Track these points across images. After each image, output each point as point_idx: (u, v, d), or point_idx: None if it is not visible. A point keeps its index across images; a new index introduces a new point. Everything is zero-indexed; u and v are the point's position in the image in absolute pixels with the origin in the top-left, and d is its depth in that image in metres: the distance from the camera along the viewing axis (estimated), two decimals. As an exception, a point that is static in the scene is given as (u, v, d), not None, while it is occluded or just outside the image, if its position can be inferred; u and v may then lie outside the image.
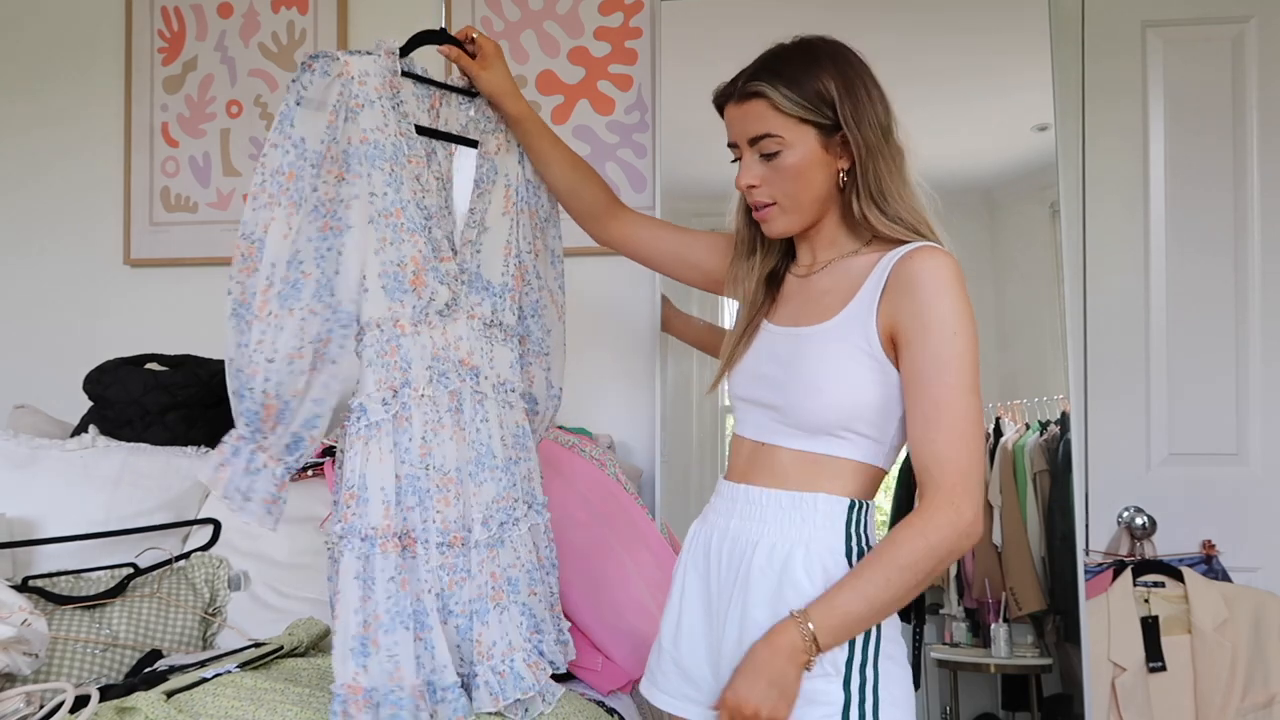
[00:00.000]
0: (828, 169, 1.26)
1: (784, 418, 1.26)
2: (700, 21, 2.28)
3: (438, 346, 1.38)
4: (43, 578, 1.67)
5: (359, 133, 1.33)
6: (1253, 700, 2.02)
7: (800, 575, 1.20)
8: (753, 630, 1.21)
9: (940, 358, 1.16)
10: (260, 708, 1.25)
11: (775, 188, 1.27)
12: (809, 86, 1.24)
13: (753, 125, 1.26)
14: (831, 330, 1.24)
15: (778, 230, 1.30)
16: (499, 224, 1.51)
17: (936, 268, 1.19)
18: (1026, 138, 2.20)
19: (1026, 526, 2.16)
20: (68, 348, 2.52)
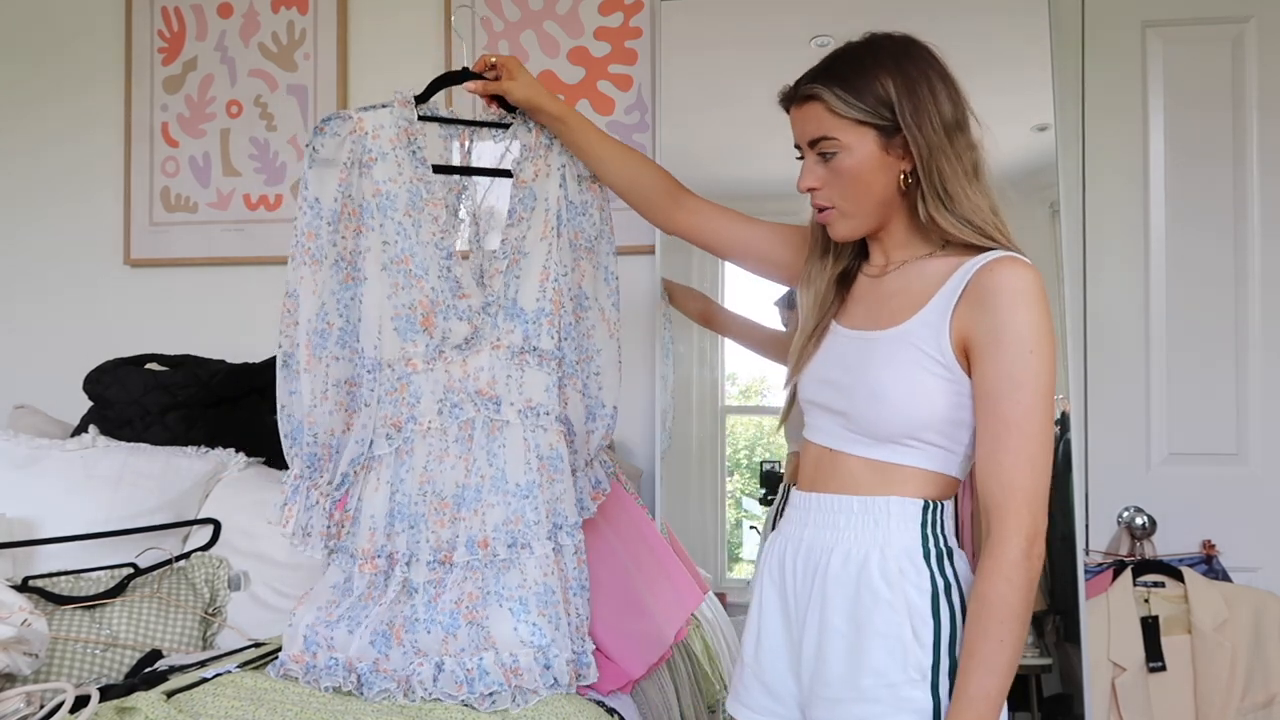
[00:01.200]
0: (889, 171, 1.22)
1: (851, 424, 1.23)
2: (700, 21, 2.28)
3: (453, 379, 1.45)
4: (43, 578, 1.67)
5: (373, 186, 1.42)
6: (1253, 700, 2.02)
7: (877, 580, 1.18)
8: (832, 638, 1.19)
9: (1014, 375, 1.13)
10: (260, 708, 1.25)
11: (834, 190, 1.24)
12: (866, 88, 1.21)
13: (810, 127, 1.24)
14: (901, 336, 1.20)
15: (840, 234, 1.27)
16: (537, 249, 1.51)
17: (1017, 280, 1.15)
18: (1026, 138, 2.20)
19: (1026, 526, 2.15)
20: (68, 348, 2.52)
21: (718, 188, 2.20)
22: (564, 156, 1.55)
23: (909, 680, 1.15)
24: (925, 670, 1.15)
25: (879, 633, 1.16)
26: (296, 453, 1.45)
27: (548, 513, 1.45)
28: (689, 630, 1.84)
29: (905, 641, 1.16)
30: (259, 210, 2.49)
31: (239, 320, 2.48)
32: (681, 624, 1.67)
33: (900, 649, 1.16)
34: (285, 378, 1.47)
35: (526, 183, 1.53)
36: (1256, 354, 2.29)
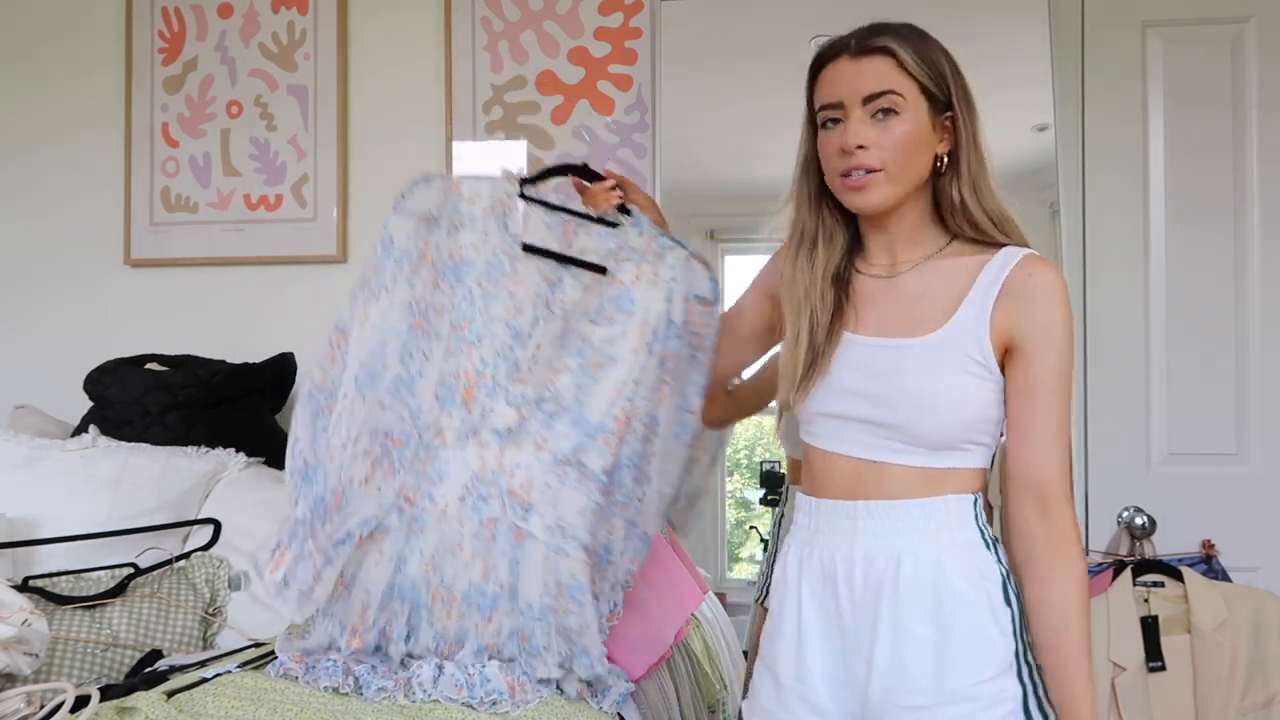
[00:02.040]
0: (931, 147, 1.21)
1: (899, 435, 1.20)
2: (700, 21, 2.28)
3: (486, 468, 1.32)
4: (43, 578, 1.67)
5: (457, 248, 1.36)
6: (1252, 700, 2.02)
7: (957, 580, 1.18)
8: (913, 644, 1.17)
9: (1059, 374, 1.18)
10: (260, 707, 1.25)
11: (886, 152, 1.18)
12: (929, 56, 1.21)
13: (873, 81, 1.19)
14: (942, 342, 1.19)
15: (874, 200, 1.21)
16: (624, 359, 1.36)
17: (1055, 280, 1.18)
18: (1026, 138, 2.20)
19: (1026, 526, 2.15)
20: (68, 348, 2.52)
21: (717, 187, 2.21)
22: (677, 271, 1.40)
23: (1000, 673, 1.16)
24: (1010, 659, 1.17)
25: (967, 631, 1.16)
26: (305, 493, 1.31)
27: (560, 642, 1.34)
28: (689, 630, 1.84)
29: (991, 635, 1.17)
30: (259, 210, 2.49)
31: (239, 320, 2.48)
32: (681, 624, 1.66)
33: (988, 644, 1.16)
34: (311, 412, 1.32)
35: (625, 284, 1.38)
36: (1256, 354, 2.29)
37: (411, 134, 2.45)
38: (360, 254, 2.47)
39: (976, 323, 1.18)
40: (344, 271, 2.47)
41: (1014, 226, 1.23)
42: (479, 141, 2.41)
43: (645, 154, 2.35)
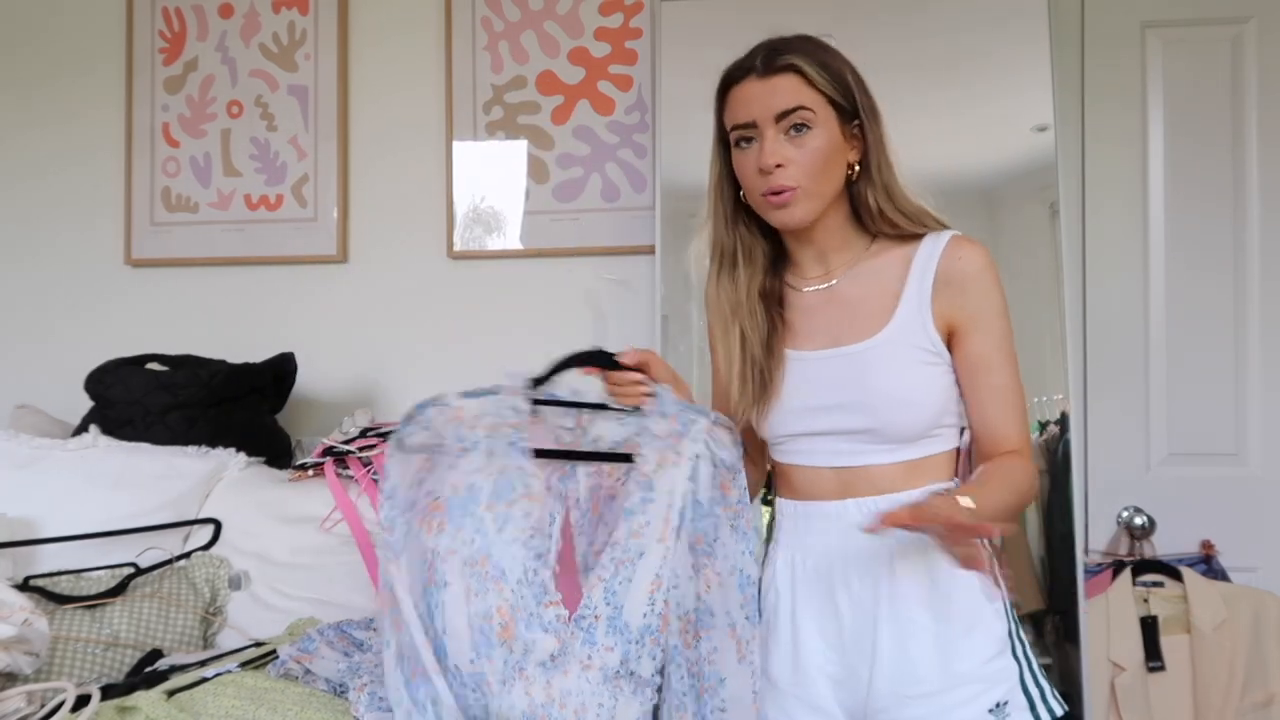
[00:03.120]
0: (843, 157, 1.25)
1: (876, 437, 1.23)
2: (700, 21, 2.28)
3: (535, 705, 1.19)
4: (44, 577, 1.67)
5: (462, 479, 1.22)
6: (1251, 700, 2.02)
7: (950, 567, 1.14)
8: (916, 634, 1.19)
9: (1001, 346, 1.23)
10: (261, 707, 1.25)
11: (801, 169, 1.21)
12: (835, 69, 1.24)
13: (784, 99, 1.21)
14: (893, 338, 1.22)
15: (796, 217, 1.23)
16: (651, 552, 1.24)
17: (982, 258, 1.24)
18: (1026, 138, 2.20)
19: (1026, 526, 2.16)
20: (69, 348, 2.52)
21: (718, 188, 2.20)
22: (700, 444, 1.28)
23: (999, 652, 1.20)
24: (1006, 638, 1.21)
25: (963, 614, 1.19)
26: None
27: None
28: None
29: (986, 616, 1.20)
30: (259, 210, 2.49)
31: (240, 320, 2.49)
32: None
33: (984, 625, 1.20)
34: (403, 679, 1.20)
35: (647, 475, 1.27)
36: (1256, 354, 2.29)
37: (412, 134, 2.46)
38: (361, 254, 2.47)
39: (919, 314, 1.22)
40: (344, 271, 2.47)
41: (930, 216, 1.28)
42: (479, 141, 2.42)
43: (645, 154, 2.35)
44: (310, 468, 2.02)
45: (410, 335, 2.44)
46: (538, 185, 2.39)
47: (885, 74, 2.25)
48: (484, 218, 2.41)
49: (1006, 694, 1.18)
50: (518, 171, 2.39)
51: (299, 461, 2.13)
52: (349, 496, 1.88)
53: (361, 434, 2.08)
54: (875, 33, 2.24)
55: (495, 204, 2.40)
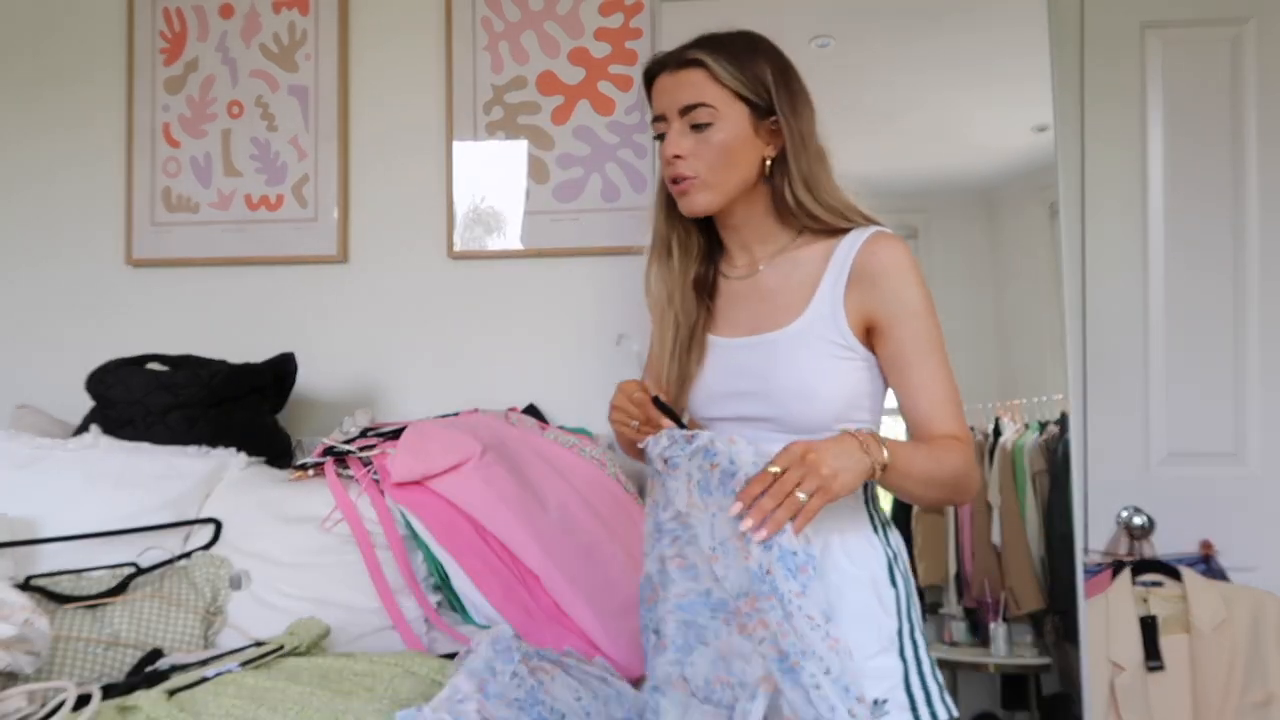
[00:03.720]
0: (755, 152, 1.27)
1: (780, 427, 1.25)
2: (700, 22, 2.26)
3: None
4: (45, 577, 1.67)
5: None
6: (1251, 699, 2.02)
7: (843, 560, 1.22)
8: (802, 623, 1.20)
9: (921, 338, 1.22)
10: (261, 707, 1.25)
11: (701, 160, 1.26)
12: (747, 66, 1.27)
13: (687, 94, 1.27)
14: (803, 330, 1.25)
15: (697, 206, 1.28)
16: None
17: (898, 254, 1.23)
18: (1026, 138, 2.21)
19: (1025, 526, 2.16)
20: (69, 347, 2.53)
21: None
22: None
23: (882, 649, 1.20)
24: (893, 636, 1.21)
25: (850, 610, 1.20)
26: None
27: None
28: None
29: (874, 612, 1.21)
30: (260, 210, 2.49)
31: (240, 320, 2.49)
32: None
33: (872, 621, 1.21)
34: None
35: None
36: (1255, 354, 2.29)
37: (412, 134, 2.46)
38: (361, 254, 2.47)
39: (832, 308, 1.24)
40: (344, 271, 2.47)
41: (856, 212, 1.29)
42: (479, 141, 2.42)
43: (645, 154, 2.35)
44: (310, 468, 2.02)
45: (410, 335, 2.44)
46: (538, 185, 2.39)
47: (885, 74, 2.27)
48: (484, 218, 2.41)
49: (886, 692, 1.19)
50: (518, 172, 2.40)
51: (299, 461, 2.13)
52: (349, 496, 1.89)
53: (362, 434, 2.09)
54: (875, 33, 2.24)
55: (495, 204, 2.41)
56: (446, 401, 2.28)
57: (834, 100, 2.32)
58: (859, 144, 2.32)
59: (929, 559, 2.23)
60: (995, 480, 2.19)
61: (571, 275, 2.38)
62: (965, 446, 1.21)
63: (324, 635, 1.60)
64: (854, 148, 2.35)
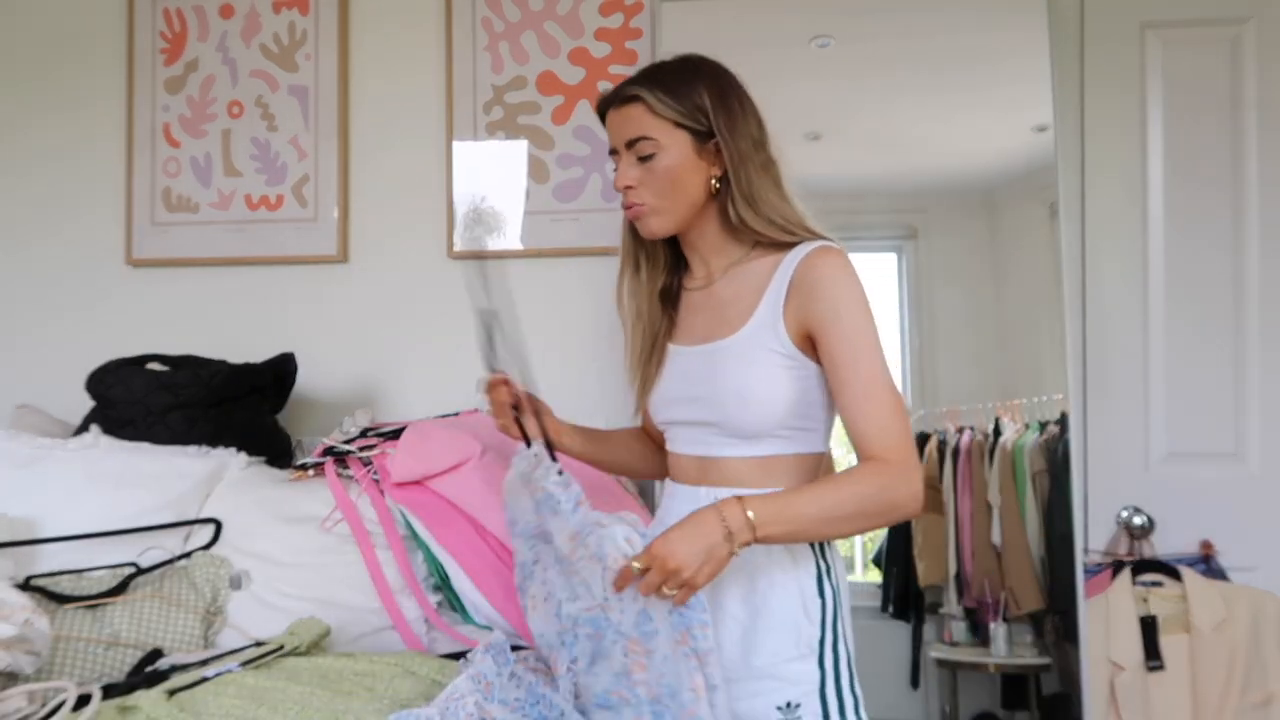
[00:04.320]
0: (700, 174, 1.33)
1: (723, 431, 1.32)
2: (700, 22, 2.28)
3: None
4: (45, 577, 1.67)
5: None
6: (1250, 699, 2.02)
7: (774, 569, 1.28)
8: (727, 623, 1.27)
9: (857, 346, 1.25)
10: (262, 706, 1.25)
11: (649, 189, 1.33)
12: (684, 94, 1.33)
13: (630, 128, 1.34)
14: (746, 339, 1.30)
15: (651, 229, 1.36)
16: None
17: (834, 265, 1.27)
18: (1026, 138, 2.21)
19: (1025, 526, 2.16)
20: (69, 347, 2.52)
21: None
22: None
23: (800, 655, 1.25)
24: (814, 645, 1.26)
25: (774, 615, 1.26)
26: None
27: None
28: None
29: (797, 619, 1.26)
30: (260, 210, 2.49)
31: (240, 320, 2.49)
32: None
33: (794, 628, 1.26)
34: None
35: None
36: (1255, 353, 2.29)
37: (412, 134, 2.46)
38: (361, 254, 2.47)
39: (772, 317, 1.28)
40: (344, 271, 2.47)
41: (802, 226, 1.33)
42: (479, 142, 2.42)
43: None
44: (311, 467, 2.02)
45: (410, 335, 2.44)
46: (538, 185, 2.39)
47: (885, 74, 2.27)
48: (484, 218, 2.41)
49: (800, 696, 1.24)
50: (518, 172, 2.40)
51: (299, 461, 2.13)
52: (349, 496, 1.89)
53: (362, 434, 2.09)
54: (874, 34, 2.25)
55: (496, 204, 2.41)
56: (446, 401, 2.28)
57: (834, 100, 2.33)
58: (859, 144, 2.33)
59: (929, 559, 2.23)
60: (995, 480, 2.20)
61: (571, 275, 2.38)
62: (889, 466, 1.21)
63: (324, 635, 1.60)
64: (854, 148, 2.36)
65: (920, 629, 2.24)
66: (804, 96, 2.24)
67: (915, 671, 2.25)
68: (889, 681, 2.27)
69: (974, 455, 2.22)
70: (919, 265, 2.28)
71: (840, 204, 2.24)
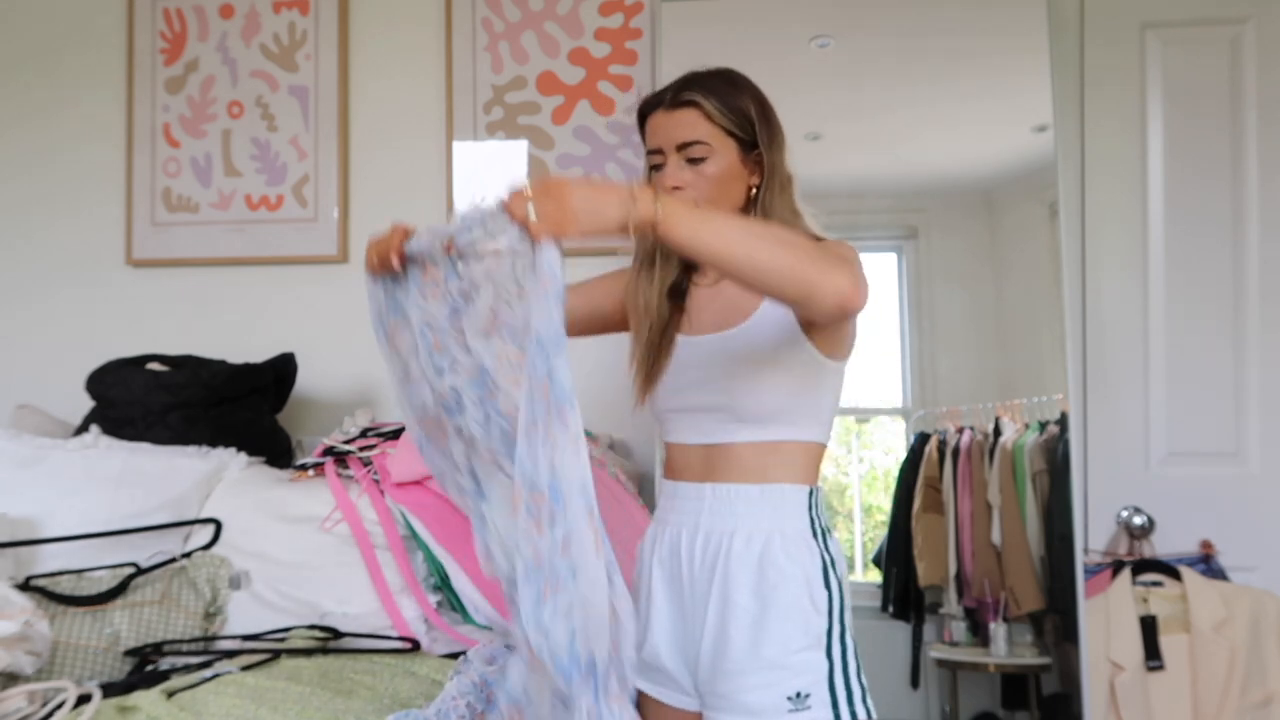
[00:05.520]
0: (742, 182, 1.39)
1: (734, 415, 1.34)
2: (700, 22, 2.28)
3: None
4: (44, 577, 1.67)
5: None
6: (1250, 699, 2.02)
7: (779, 556, 1.29)
8: (737, 614, 1.28)
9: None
10: (262, 706, 1.25)
11: (699, 192, 1.36)
12: (735, 105, 1.37)
13: (684, 131, 1.36)
14: (754, 325, 1.33)
15: None
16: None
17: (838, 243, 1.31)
18: (1026, 138, 2.21)
19: (1026, 526, 2.16)
20: (70, 348, 2.52)
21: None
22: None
23: (808, 646, 1.27)
24: (821, 635, 1.27)
25: (782, 605, 1.27)
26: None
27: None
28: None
29: (805, 611, 1.28)
30: (260, 210, 2.49)
31: (240, 320, 2.49)
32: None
33: (801, 618, 1.27)
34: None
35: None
36: (1255, 353, 2.29)
37: (412, 134, 2.46)
38: (361, 254, 2.46)
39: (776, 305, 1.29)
40: (345, 271, 2.47)
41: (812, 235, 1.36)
42: (479, 142, 2.42)
43: (645, 154, 2.35)
44: (310, 468, 2.02)
45: (410, 335, 2.44)
46: (538, 185, 2.39)
47: (885, 74, 2.27)
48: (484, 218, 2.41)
49: (809, 686, 1.25)
50: (518, 172, 2.40)
51: (299, 461, 2.13)
52: (349, 496, 1.89)
53: (362, 434, 2.09)
54: (874, 35, 2.25)
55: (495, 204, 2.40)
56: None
57: (834, 100, 2.33)
58: (859, 144, 2.33)
59: (929, 559, 2.23)
60: (995, 480, 2.20)
61: (571, 275, 2.36)
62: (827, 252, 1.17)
63: (324, 635, 1.61)
64: (854, 147, 2.36)
65: (920, 629, 2.24)
66: (804, 96, 2.24)
67: (915, 671, 2.25)
68: (889, 681, 2.27)
69: (974, 455, 2.22)
70: (919, 265, 2.28)
71: (840, 204, 2.24)
